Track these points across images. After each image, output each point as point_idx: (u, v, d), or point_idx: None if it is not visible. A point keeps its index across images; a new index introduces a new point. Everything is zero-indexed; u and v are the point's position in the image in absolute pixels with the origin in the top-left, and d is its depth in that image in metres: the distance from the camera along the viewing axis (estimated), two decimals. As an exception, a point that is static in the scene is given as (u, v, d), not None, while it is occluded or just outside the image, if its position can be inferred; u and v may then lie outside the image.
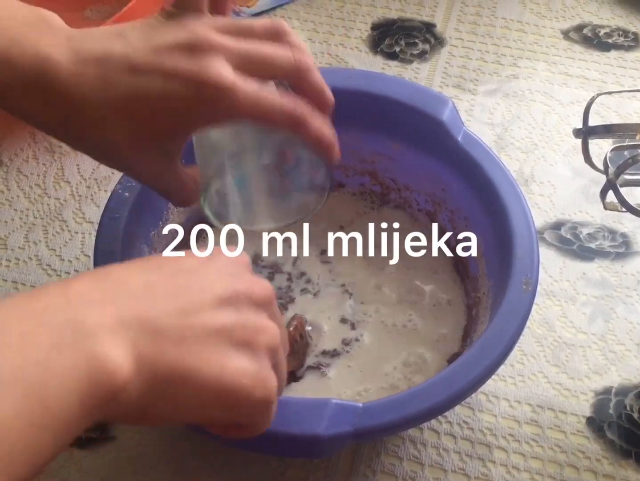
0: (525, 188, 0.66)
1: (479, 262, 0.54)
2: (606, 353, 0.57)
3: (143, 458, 0.52)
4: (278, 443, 0.42)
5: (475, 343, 0.45)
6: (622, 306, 0.60)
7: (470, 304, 0.55)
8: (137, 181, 0.49)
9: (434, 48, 0.79)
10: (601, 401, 0.55)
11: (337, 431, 0.41)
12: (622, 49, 0.79)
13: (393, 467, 0.52)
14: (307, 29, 0.81)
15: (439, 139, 0.55)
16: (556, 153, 0.70)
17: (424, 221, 0.60)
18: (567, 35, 0.80)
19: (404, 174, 0.60)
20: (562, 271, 0.62)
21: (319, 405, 0.42)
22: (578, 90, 0.75)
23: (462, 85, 0.76)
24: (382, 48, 0.79)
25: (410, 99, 0.56)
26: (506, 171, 0.53)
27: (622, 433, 0.53)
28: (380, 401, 0.43)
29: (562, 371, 0.56)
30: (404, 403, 0.42)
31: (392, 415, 0.42)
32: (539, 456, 0.53)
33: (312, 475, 0.52)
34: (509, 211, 0.51)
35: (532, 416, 0.54)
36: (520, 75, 0.76)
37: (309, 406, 0.42)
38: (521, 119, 0.72)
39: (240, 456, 0.52)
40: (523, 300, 0.46)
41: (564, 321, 0.59)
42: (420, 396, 0.43)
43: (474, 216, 0.55)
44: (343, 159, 0.59)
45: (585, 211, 0.65)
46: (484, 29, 0.81)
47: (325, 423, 0.41)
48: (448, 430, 0.54)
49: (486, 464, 0.52)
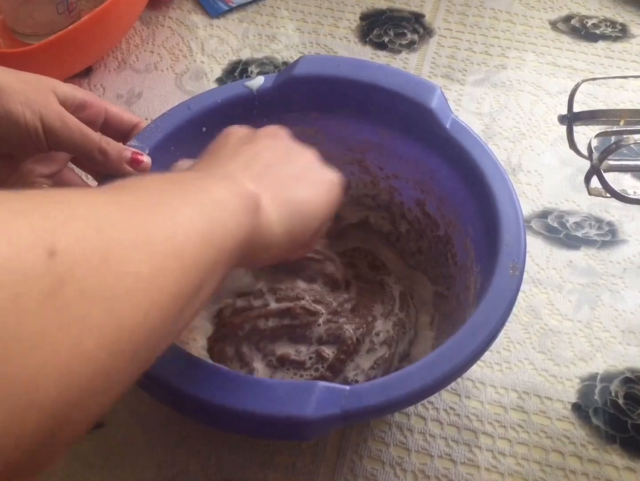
0: (513, 177, 0.67)
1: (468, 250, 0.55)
2: (592, 340, 0.58)
3: (131, 445, 0.52)
4: (265, 426, 0.42)
5: (462, 327, 0.45)
6: (607, 293, 0.60)
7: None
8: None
9: (423, 38, 0.79)
10: (587, 388, 0.55)
11: (325, 414, 0.41)
12: (610, 40, 0.79)
13: (380, 452, 0.52)
14: (296, 18, 0.81)
15: (428, 126, 0.55)
16: (543, 143, 0.70)
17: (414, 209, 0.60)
18: (555, 26, 0.81)
19: (392, 162, 0.60)
20: (548, 259, 0.62)
21: (306, 387, 0.42)
22: (566, 80, 0.75)
23: (451, 75, 0.76)
24: (371, 38, 0.79)
25: (398, 86, 0.56)
26: (494, 157, 0.53)
27: (607, 419, 0.54)
28: (368, 383, 0.43)
29: (548, 358, 0.57)
30: (391, 386, 0.42)
31: (380, 398, 0.42)
32: (524, 442, 0.53)
33: (300, 460, 0.52)
34: (497, 197, 0.51)
35: (518, 402, 0.55)
36: (509, 66, 0.77)
37: (296, 389, 0.42)
38: (509, 109, 0.73)
39: (229, 443, 0.52)
40: (510, 284, 0.47)
41: (550, 309, 0.59)
42: (407, 379, 0.43)
43: (462, 203, 0.55)
44: (331, 148, 0.60)
45: (572, 200, 0.66)
46: (473, 19, 0.81)
47: (313, 405, 0.41)
48: (435, 416, 0.54)
49: (472, 449, 0.53)
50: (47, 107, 0.47)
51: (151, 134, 0.53)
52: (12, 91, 0.46)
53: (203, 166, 0.43)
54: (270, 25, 0.81)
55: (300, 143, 0.48)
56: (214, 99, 0.56)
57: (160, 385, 0.43)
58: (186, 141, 0.55)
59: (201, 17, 0.81)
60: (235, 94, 0.56)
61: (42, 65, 0.67)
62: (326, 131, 0.59)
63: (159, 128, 0.53)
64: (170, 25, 0.81)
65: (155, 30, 0.80)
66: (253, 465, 0.52)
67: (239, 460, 0.52)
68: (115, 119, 0.52)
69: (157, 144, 0.53)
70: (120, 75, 0.76)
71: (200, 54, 0.78)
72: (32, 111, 0.46)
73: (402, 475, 0.51)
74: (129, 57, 0.78)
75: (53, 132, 0.47)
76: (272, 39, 0.79)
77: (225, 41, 0.79)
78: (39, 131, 0.47)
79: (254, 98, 0.56)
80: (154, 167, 0.52)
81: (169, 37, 0.79)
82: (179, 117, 0.55)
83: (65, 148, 0.49)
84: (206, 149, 0.46)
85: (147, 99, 0.74)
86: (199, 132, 0.55)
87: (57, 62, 0.70)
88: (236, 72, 0.76)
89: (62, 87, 0.49)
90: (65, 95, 0.49)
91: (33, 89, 0.47)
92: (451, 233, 0.57)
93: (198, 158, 0.46)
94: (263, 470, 0.51)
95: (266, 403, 0.41)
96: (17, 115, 0.46)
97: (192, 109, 0.55)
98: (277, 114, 0.57)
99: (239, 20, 0.81)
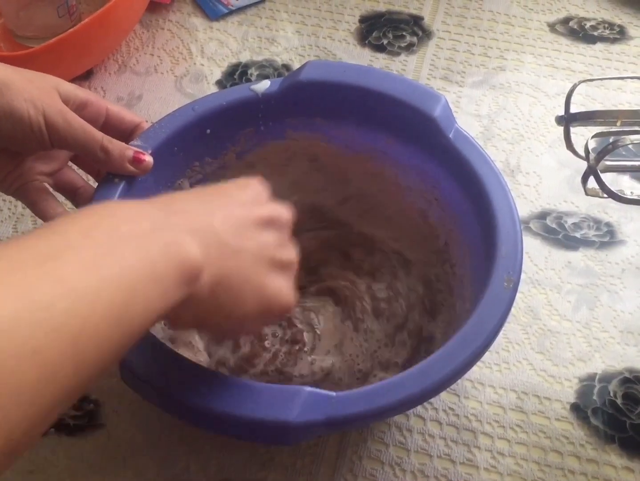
0: (511, 179, 0.67)
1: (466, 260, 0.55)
2: (590, 340, 0.58)
3: (132, 446, 0.53)
4: (250, 429, 0.42)
5: (453, 338, 0.45)
6: (606, 294, 0.60)
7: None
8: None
9: (422, 41, 0.80)
10: (585, 388, 0.56)
11: (309, 419, 0.41)
12: (608, 42, 0.79)
13: (379, 453, 0.52)
14: (295, 21, 0.81)
15: (431, 135, 0.55)
16: (542, 144, 0.70)
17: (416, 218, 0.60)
18: (553, 28, 0.81)
19: (394, 169, 0.60)
20: (547, 260, 0.62)
21: (292, 392, 0.42)
22: (564, 82, 0.75)
23: (450, 77, 0.76)
24: (370, 40, 0.80)
25: (403, 94, 0.55)
26: (495, 169, 0.52)
27: (606, 419, 0.54)
28: (354, 391, 0.43)
29: (546, 358, 0.57)
30: (377, 394, 0.42)
31: (365, 406, 0.42)
32: (523, 442, 0.53)
33: (300, 460, 0.52)
34: (496, 209, 0.50)
35: (517, 402, 0.55)
36: (507, 68, 0.77)
37: (282, 393, 0.42)
38: (507, 111, 0.73)
39: (229, 443, 0.52)
40: (503, 297, 0.46)
41: (549, 309, 0.60)
42: (394, 387, 0.42)
43: (462, 213, 0.55)
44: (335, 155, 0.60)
45: (570, 201, 0.66)
46: (471, 21, 0.81)
47: (297, 410, 0.41)
48: (434, 416, 0.54)
49: (471, 450, 0.53)
50: (51, 104, 0.47)
51: (155, 135, 0.53)
52: (17, 88, 0.47)
53: (178, 204, 0.40)
54: (270, 28, 0.81)
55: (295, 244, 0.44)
56: (219, 102, 0.56)
57: (142, 383, 0.44)
58: (190, 143, 0.55)
59: (201, 20, 0.82)
60: (240, 97, 0.56)
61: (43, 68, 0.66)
62: (330, 137, 0.59)
63: (163, 129, 0.54)
64: (170, 28, 0.81)
65: (155, 33, 0.80)
66: (253, 465, 0.52)
67: (239, 460, 0.52)
68: (116, 118, 0.53)
69: (160, 144, 0.53)
70: (120, 78, 0.76)
71: (200, 56, 0.78)
72: (36, 107, 0.47)
73: (402, 475, 0.52)
74: (129, 60, 0.78)
75: (56, 129, 0.47)
76: (271, 41, 0.80)
77: (225, 44, 0.79)
78: (42, 128, 0.47)
79: (259, 102, 0.56)
80: (156, 167, 0.52)
81: (169, 40, 0.80)
82: (183, 118, 0.55)
83: (67, 145, 0.49)
84: (216, 184, 0.45)
85: (147, 101, 0.74)
86: (203, 134, 0.56)
87: (57, 65, 0.70)
88: (236, 74, 0.77)
89: (64, 85, 0.50)
90: (68, 93, 0.49)
91: (37, 86, 0.48)
92: (450, 243, 0.57)
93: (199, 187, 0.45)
94: (263, 470, 0.52)
95: (251, 406, 0.41)
96: (21, 111, 0.46)
97: (197, 111, 0.55)
98: (281, 118, 0.57)
99: (239, 23, 0.81)
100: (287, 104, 0.57)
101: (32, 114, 0.47)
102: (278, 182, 0.48)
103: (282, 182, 0.57)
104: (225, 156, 0.58)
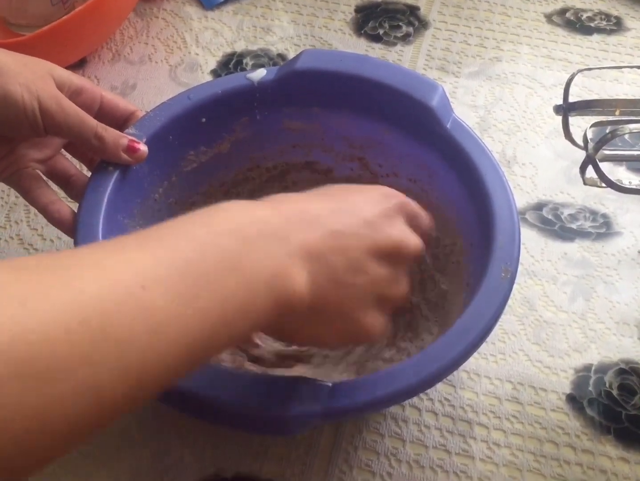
0: (508, 170, 0.67)
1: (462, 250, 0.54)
2: (586, 331, 0.58)
3: (126, 436, 0.52)
4: (246, 420, 0.42)
5: (449, 330, 0.45)
6: (602, 285, 0.60)
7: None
8: None
9: (418, 31, 0.79)
10: (581, 379, 0.56)
11: (305, 410, 0.41)
12: (604, 33, 0.79)
13: (375, 443, 0.52)
14: (290, 11, 0.81)
15: (428, 125, 0.54)
16: (538, 135, 0.70)
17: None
18: (550, 18, 0.81)
19: (392, 159, 0.59)
20: (543, 251, 0.62)
21: (288, 382, 0.42)
22: (560, 73, 0.75)
23: (446, 67, 0.76)
24: (365, 30, 0.79)
25: (400, 83, 0.55)
26: (493, 159, 0.52)
27: (602, 410, 0.54)
28: (351, 381, 0.43)
29: (542, 349, 0.57)
30: (374, 385, 0.42)
31: (362, 396, 0.41)
32: (519, 433, 0.53)
33: (294, 451, 0.52)
34: (493, 199, 0.50)
35: (512, 393, 0.55)
36: (504, 58, 0.77)
37: (278, 384, 0.42)
38: (504, 102, 0.73)
39: (223, 434, 0.52)
40: (500, 288, 0.46)
41: (545, 300, 0.60)
42: (391, 378, 0.42)
43: (459, 203, 0.54)
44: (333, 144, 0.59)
45: (566, 192, 0.66)
46: (468, 12, 0.81)
47: (294, 400, 0.41)
48: (429, 407, 0.54)
49: (467, 440, 0.53)
50: (45, 89, 0.47)
51: (150, 123, 0.53)
52: (11, 72, 0.46)
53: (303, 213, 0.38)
54: (265, 17, 0.80)
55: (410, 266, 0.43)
56: (214, 90, 0.55)
57: None
58: (185, 131, 0.55)
59: (196, 9, 0.81)
60: (236, 86, 0.56)
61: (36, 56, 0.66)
62: (327, 126, 0.58)
63: (158, 117, 0.53)
64: (164, 17, 0.80)
65: (150, 22, 0.80)
66: (248, 456, 0.52)
67: (233, 450, 0.52)
68: (111, 106, 0.52)
69: (155, 133, 0.52)
70: (114, 67, 0.76)
71: (194, 46, 0.78)
72: (30, 92, 0.46)
73: (397, 465, 0.51)
74: (123, 48, 0.77)
75: (50, 115, 0.47)
76: (266, 31, 0.79)
77: (219, 33, 0.79)
78: (36, 113, 0.46)
79: (255, 90, 0.56)
80: (151, 156, 0.51)
81: (163, 29, 0.79)
82: (179, 107, 0.54)
83: (61, 132, 0.48)
84: (354, 188, 0.43)
85: (141, 90, 0.74)
86: (198, 123, 0.55)
87: (50, 53, 0.68)
88: (231, 64, 0.76)
89: (59, 71, 0.49)
90: (62, 79, 0.49)
91: (31, 71, 0.47)
92: (446, 233, 0.56)
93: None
94: (258, 460, 0.51)
95: (247, 398, 0.41)
96: (15, 95, 0.46)
97: (192, 99, 0.55)
98: (277, 107, 0.57)
99: (234, 12, 0.81)
100: (284, 93, 0.56)
101: (26, 98, 0.46)
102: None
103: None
104: (220, 145, 0.58)
